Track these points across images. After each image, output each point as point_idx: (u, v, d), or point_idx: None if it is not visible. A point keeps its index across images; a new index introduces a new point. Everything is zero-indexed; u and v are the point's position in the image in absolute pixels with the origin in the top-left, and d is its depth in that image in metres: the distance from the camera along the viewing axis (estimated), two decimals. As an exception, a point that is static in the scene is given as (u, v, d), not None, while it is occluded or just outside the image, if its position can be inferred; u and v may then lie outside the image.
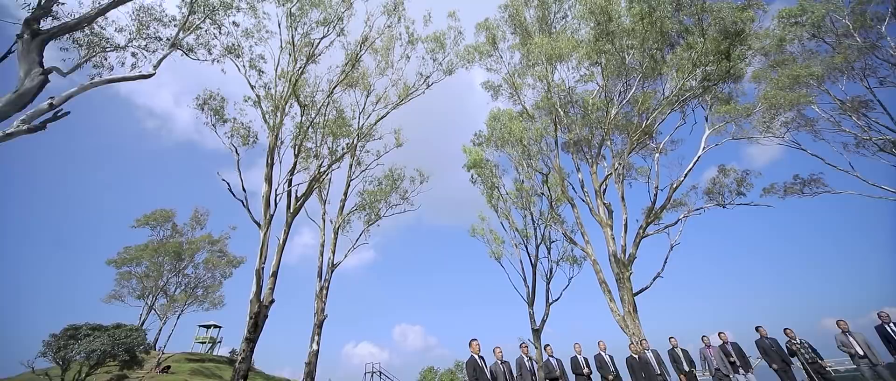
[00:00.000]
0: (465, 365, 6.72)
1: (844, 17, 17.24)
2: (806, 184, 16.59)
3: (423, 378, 27.20)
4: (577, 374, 7.83)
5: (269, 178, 14.67)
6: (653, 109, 17.15)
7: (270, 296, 13.08)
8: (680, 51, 15.93)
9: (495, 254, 18.94)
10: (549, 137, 19.10)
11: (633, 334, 11.61)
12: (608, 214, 15.08)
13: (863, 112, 16.04)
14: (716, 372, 7.55)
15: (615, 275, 13.48)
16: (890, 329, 6.80)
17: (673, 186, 15.67)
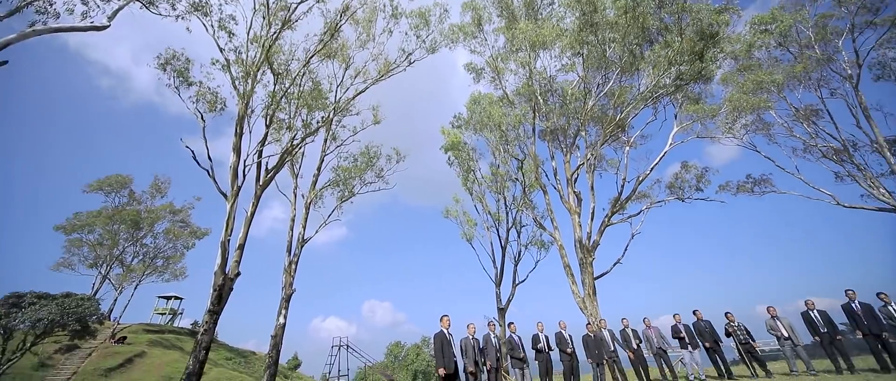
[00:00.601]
0: (434, 338, 6.94)
1: (808, 28, 18.24)
2: (756, 183, 17.89)
3: (390, 352, 27.82)
4: (537, 351, 8.32)
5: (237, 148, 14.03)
6: (628, 104, 17.66)
7: (236, 269, 12.78)
8: (658, 48, 16.33)
9: (467, 236, 19.32)
10: (528, 124, 19.31)
11: (591, 314, 12.43)
12: (577, 202, 15.67)
13: (813, 120, 17.30)
14: (657, 350, 8.37)
15: (579, 260, 14.20)
16: (813, 315, 7.70)
17: (639, 178, 16.44)
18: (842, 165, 16.47)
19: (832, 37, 17.76)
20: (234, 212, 13.36)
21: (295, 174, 21.53)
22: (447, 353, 6.57)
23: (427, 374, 23.80)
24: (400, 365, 25.65)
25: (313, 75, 18.92)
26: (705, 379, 8.03)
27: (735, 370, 8.39)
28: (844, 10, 17.22)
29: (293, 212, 20.06)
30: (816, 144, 17.09)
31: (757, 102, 16.38)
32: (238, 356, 27.60)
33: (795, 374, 7.52)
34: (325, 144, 21.75)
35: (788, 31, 18.30)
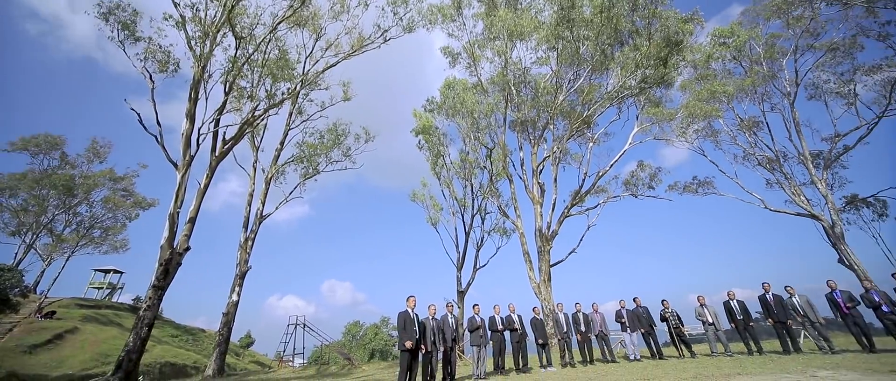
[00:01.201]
0: (398, 316, 7.08)
1: (760, 45, 19.75)
2: (700, 185, 19.51)
3: (349, 331, 27.77)
4: (492, 330, 8.73)
5: (191, 114, 13.03)
6: (595, 102, 18.36)
7: (186, 243, 12.06)
8: (627, 50, 17.01)
9: (433, 220, 19.47)
10: (499, 114, 19.54)
11: (545, 299, 13.17)
12: (541, 192, 16.26)
13: (754, 131, 18.96)
14: (600, 332, 9.15)
15: (538, 248, 14.87)
16: (733, 304, 8.84)
17: (599, 174, 17.33)
18: (772, 173, 18.32)
19: (778, 56, 19.38)
20: (185, 183, 12.51)
21: (255, 147, 20.42)
22: (409, 330, 6.74)
23: (384, 352, 24.09)
24: (357, 344, 25.70)
25: (281, 43, 17.81)
26: (640, 359, 8.89)
27: (665, 351, 9.37)
28: (791, 32, 18.79)
29: (252, 187, 19.11)
30: (754, 153, 18.81)
31: (709, 110, 17.67)
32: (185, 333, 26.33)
33: (715, 355, 8.53)
34: (289, 118, 20.73)
35: (743, 47, 19.72)
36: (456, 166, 20.35)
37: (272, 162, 19.93)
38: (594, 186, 17.44)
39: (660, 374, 6.69)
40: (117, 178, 31.02)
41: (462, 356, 12.23)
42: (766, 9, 19.41)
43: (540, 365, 8.92)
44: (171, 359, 19.66)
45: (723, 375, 6.05)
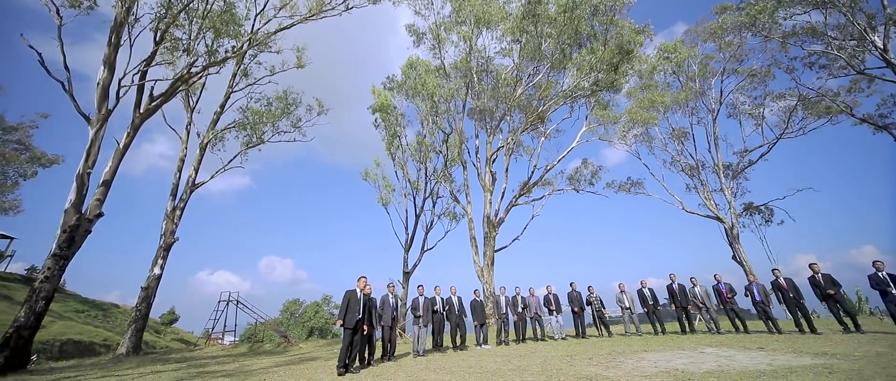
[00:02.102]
0: (345, 293, 6.97)
1: (696, 64, 21.83)
2: (633, 185, 21.46)
3: (287, 309, 26.74)
4: (433, 312, 8.97)
5: (111, 62, 11.37)
6: (551, 98, 19.13)
7: (98, 208, 10.69)
8: (584, 52, 17.84)
9: (384, 200, 19.22)
10: (459, 100, 19.58)
11: (486, 282, 13.81)
12: (492, 180, 16.77)
13: (682, 140, 21.14)
14: (534, 313, 9.89)
15: (484, 234, 15.43)
16: (645, 292, 10.09)
17: (548, 167, 18.28)
18: (692, 178, 20.71)
19: (709, 75, 21.61)
20: (99, 140, 10.99)
21: (190, 108, 18.42)
22: (351, 309, 6.67)
23: (324, 331, 23.61)
24: (296, 322, 24.85)
25: (226, -7, 15.99)
26: (566, 338, 9.78)
27: (589, 331, 10.40)
28: (722, 55, 20.99)
29: (184, 151, 17.31)
30: (680, 160, 21.05)
31: (648, 118, 19.32)
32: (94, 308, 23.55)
33: (628, 335, 9.70)
34: (233, 80, 18.94)
35: (683, 63, 21.67)
36: (412, 148, 20.14)
37: (210, 126, 18.15)
38: (542, 179, 18.40)
39: (581, 351, 7.40)
40: (9, 127, 26.19)
41: (403, 334, 12.45)
42: (704, 31, 21.41)
43: (476, 344, 9.39)
44: (75, 336, 17.53)
45: (632, 351, 6.86)
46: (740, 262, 18.04)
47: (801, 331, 7.97)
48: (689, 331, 9.29)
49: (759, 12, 16.69)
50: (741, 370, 4.61)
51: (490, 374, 5.48)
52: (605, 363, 5.84)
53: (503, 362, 6.65)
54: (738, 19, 17.95)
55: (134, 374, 7.40)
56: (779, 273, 8.53)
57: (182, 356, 11.54)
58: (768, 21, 17.16)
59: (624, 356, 6.39)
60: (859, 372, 4.12)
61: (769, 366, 4.77)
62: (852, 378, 3.88)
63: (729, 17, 18.99)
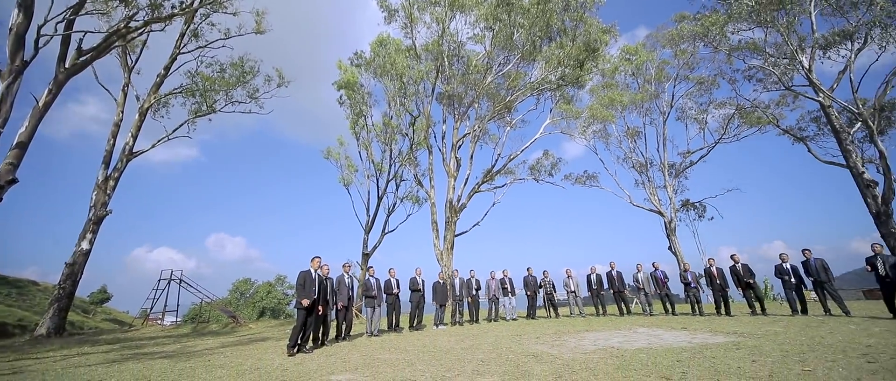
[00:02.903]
0: (299, 274, 6.77)
1: (653, 68, 23.13)
2: (589, 178, 22.68)
3: (237, 289, 25.48)
4: (388, 293, 9.01)
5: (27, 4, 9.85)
6: (519, 89, 19.44)
7: (11, 173, 9.43)
8: (554, 47, 18.21)
9: (346, 180, 18.67)
10: (429, 83, 19.29)
11: (445, 266, 14.10)
12: (457, 166, 16.90)
13: (635, 138, 22.56)
14: (492, 295, 10.34)
15: (446, 218, 15.65)
16: (591, 277, 10.88)
17: (511, 156, 18.74)
18: (640, 175, 22.27)
19: (664, 80, 23.02)
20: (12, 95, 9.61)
21: (128, 67, 16.53)
22: (308, 288, 6.53)
23: (277, 311, 22.79)
24: (246, 302, 23.74)
25: (173, -62, 14.31)
26: (517, 319, 10.34)
27: (539, 313, 11.08)
28: (676, 62, 22.40)
29: (120, 115, 15.59)
30: (632, 157, 22.50)
31: (607, 115, 20.31)
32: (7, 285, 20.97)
33: (573, 316, 10.48)
34: (180, 40, 17.18)
35: (642, 66, 22.85)
36: (377, 129, 19.62)
37: (152, 90, 16.44)
38: (505, 167, 18.85)
39: (530, 331, 7.84)
40: None
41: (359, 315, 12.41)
42: (663, 37, 22.66)
43: (434, 324, 9.62)
44: (-17, 316, 15.52)
45: (575, 331, 7.39)
46: (674, 252, 19.93)
47: (719, 314, 9.04)
48: (627, 313, 10.21)
49: (712, 24, 17.97)
50: (666, 348, 5.15)
51: (442, 352, 5.65)
52: (550, 341, 6.24)
53: (457, 341, 6.88)
54: (694, 29, 19.18)
55: (57, 356, 6.75)
56: (712, 262, 9.55)
57: (114, 337, 10.68)
58: (718, 33, 18.53)
59: (568, 335, 6.86)
60: (759, 348, 4.77)
61: (689, 344, 5.37)
62: (753, 353, 4.48)
63: (686, 25, 20.22)
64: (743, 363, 4.03)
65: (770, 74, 18.25)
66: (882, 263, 7.18)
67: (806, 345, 4.78)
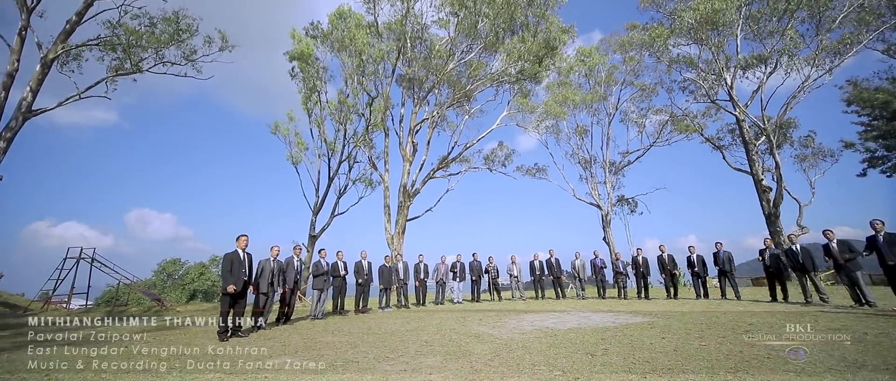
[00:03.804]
0: (224, 257, 6.26)
1: (604, 71, 24.57)
2: (539, 171, 23.85)
3: (163, 270, 23.07)
4: (334, 275, 8.81)
5: None
6: (479, 78, 19.61)
7: None
8: (516, 40, 18.54)
9: (295, 159, 17.62)
10: (389, 64, 18.71)
11: (395, 249, 14.07)
12: (413, 151, 16.75)
13: (582, 136, 24.03)
14: (440, 280, 10.58)
15: (399, 203, 15.53)
16: (534, 264, 11.60)
17: (467, 145, 19.02)
18: (585, 170, 23.92)
19: (612, 83, 24.60)
20: None
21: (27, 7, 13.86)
22: (236, 272, 6.07)
23: (210, 294, 21.04)
24: (174, 284, 21.55)
25: None
26: (462, 302, 10.71)
27: (484, 296, 11.60)
28: (625, 67, 24.01)
29: (15, 64, 13.12)
30: (578, 153, 24.01)
31: (560, 112, 21.31)
32: None
33: (515, 299, 11.16)
34: (98, -19, 14.72)
35: (594, 68, 24.16)
36: (332, 106, 18.67)
37: (60, 38, 13.99)
38: (460, 155, 19.08)
39: (474, 313, 8.16)
40: None
41: (302, 297, 11.99)
42: (615, 43, 24.12)
43: (379, 307, 9.60)
44: None
45: (516, 313, 7.83)
46: (608, 242, 21.85)
47: (640, 297, 10.15)
48: (562, 297, 11.08)
49: (657, 36, 19.50)
50: (594, 327, 5.66)
51: (387, 335, 5.68)
52: (492, 323, 6.55)
53: (402, 323, 6.95)
54: (642, 38, 20.65)
55: (-83, 342, 5.69)
56: (640, 252, 10.67)
57: (4, 323, 9.23)
58: (662, 45, 20.18)
59: (508, 317, 7.26)
60: (668, 327, 5.43)
61: (613, 324, 5.96)
62: (664, 331, 5.10)
63: (636, 34, 21.69)
64: (654, 339, 4.57)
65: (700, 87, 20.32)
66: (769, 255, 8.52)
67: (704, 324, 5.55)
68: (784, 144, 19.69)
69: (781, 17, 16.93)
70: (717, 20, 17.30)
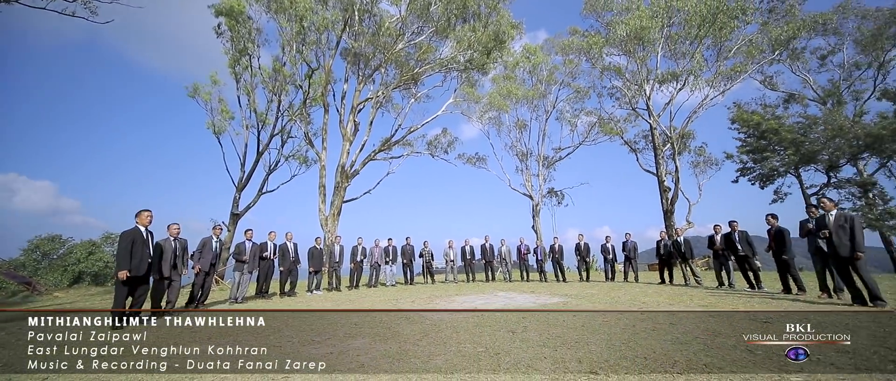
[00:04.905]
0: (122, 236, 5.37)
1: (546, 70, 25.92)
2: (479, 160, 24.66)
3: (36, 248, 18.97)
4: (262, 258, 8.20)
5: None
6: (428, 62, 19.36)
7: None
8: (467, 28, 18.57)
9: (217, 128, 15.72)
10: (334, 35, 17.48)
11: (329, 231, 13.54)
12: (354, 130, 16.04)
13: (521, 130, 25.30)
14: (374, 263, 10.47)
15: (336, 183, 14.87)
16: (465, 249, 12.07)
17: (411, 129, 18.78)
18: (521, 162, 25.32)
19: (552, 83, 26.09)
20: None
21: None
22: (137, 254, 5.26)
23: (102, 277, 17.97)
24: (53, 266, 17.80)
25: None
26: (396, 285, 10.78)
27: (417, 279, 11.83)
28: (564, 69, 25.57)
29: None
30: (516, 145, 25.29)
31: (503, 105, 22.09)
32: None
33: (447, 282, 11.58)
34: None
35: (538, 66, 25.33)
36: (265, 74, 16.92)
37: None
38: (404, 139, 18.81)
39: (406, 294, 8.25)
40: None
41: (220, 281, 10.97)
42: (557, 45, 25.50)
43: (307, 290, 9.20)
44: None
45: (447, 295, 8.09)
46: (535, 230, 23.66)
47: (558, 280, 11.23)
48: (492, 279, 11.81)
49: (594, 43, 21.12)
50: (518, 307, 6.11)
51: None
52: (423, 304, 6.70)
53: (332, 305, 6.76)
54: (581, 43, 22.17)
55: None
56: (557, 240, 11.70)
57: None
58: (597, 53, 21.91)
59: (440, 298, 7.48)
60: (580, 306, 6.09)
61: (534, 303, 6.49)
62: (576, 309, 5.69)
63: (576, 39, 23.18)
64: (567, 317, 5.09)
65: (624, 95, 22.59)
66: (663, 245, 10.00)
67: (609, 303, 6.33)
68: (683, 152, 22.93)
69: (693, 42, 19.46)
70: (643, 36, 19.29)
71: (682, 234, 9.70)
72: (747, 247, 7.80)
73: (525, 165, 24.81)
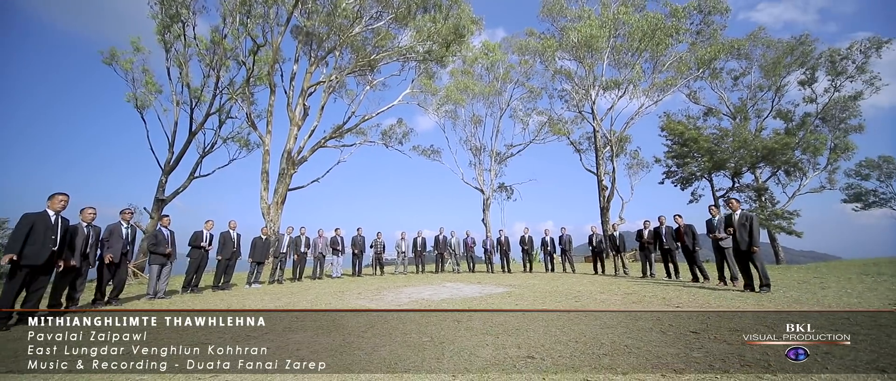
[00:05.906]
0: (22, 218, 4.56)
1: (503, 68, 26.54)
2: (434, 152, 24.79)
3: None
4: (196, 247, 7.51)
5: None
6: (386, 50, 18.81)
7: None
8: (427, 18, 18.31)
9: (140, 102, 13.87)
10: (284, 11, 16.21)
11: (272, 220, 12.71)
12: (303, 115, 15.12)
13: (476, 125, 25.79)
14: (318, 254, 10.09)
15: (281, 170, 13.94)
16: (417, 241, 12.24)
17: (365, 117, 18.20)
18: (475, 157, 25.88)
19: (508, 81, 26.81)
20: None
21: None
22: (37, 240, 4.51)
23: None
24: None
25: None
26: (342, 276, 10.49)
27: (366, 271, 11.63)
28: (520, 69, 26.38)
29: None
30: (471, 140, 25.77)
31: (459, 99, 22.28)
32: None
33: (397, 273, 11.54)
34: None
35: (495, 64, 25.85)
36: (202, 45, 15.22)
37: None
38: (357, 127, 18.18)
39: (353, 287, 8.06)
40: None
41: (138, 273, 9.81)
42: (514, 44, 26.21)
43: (247, 283, 8.60)
44: None
45: (395, 286, 8.05)
46: (485, 223, 24.44)
47: (504, 271, 11.75)
48: (441, 271, 12.02)
49: (548, 47, 22.08)
50: (464, 297, 6.27)
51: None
52: (370, 296, 6.60)
53: (272, 299, 6.40)
54: (536, 46, 23.03)
55: None
56: (503, 232, 12.24)
57: None
58: (551, 56, 22.94)
59: (387, 290, 7.43)
60: (522, 295, 6.42)
61: (480, 294, 6.71)
62: (518, 298, 6.00)
63: (532, 40, 24.01)
64: (510, 305, 5.35)
65: (573, 98, 23.99)
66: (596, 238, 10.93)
67: (547, 292, 6.76)
68: (621, 154, 25.03)
69: (634, 53, 21.19)
70: (592, 44, 20.58)
71: (617, 229, 10.65)
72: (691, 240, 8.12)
73: (478, 160, 25.37)
